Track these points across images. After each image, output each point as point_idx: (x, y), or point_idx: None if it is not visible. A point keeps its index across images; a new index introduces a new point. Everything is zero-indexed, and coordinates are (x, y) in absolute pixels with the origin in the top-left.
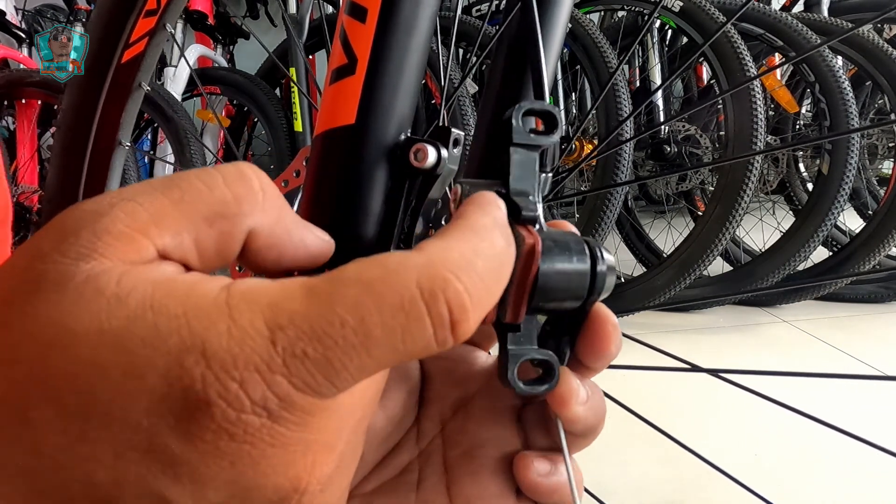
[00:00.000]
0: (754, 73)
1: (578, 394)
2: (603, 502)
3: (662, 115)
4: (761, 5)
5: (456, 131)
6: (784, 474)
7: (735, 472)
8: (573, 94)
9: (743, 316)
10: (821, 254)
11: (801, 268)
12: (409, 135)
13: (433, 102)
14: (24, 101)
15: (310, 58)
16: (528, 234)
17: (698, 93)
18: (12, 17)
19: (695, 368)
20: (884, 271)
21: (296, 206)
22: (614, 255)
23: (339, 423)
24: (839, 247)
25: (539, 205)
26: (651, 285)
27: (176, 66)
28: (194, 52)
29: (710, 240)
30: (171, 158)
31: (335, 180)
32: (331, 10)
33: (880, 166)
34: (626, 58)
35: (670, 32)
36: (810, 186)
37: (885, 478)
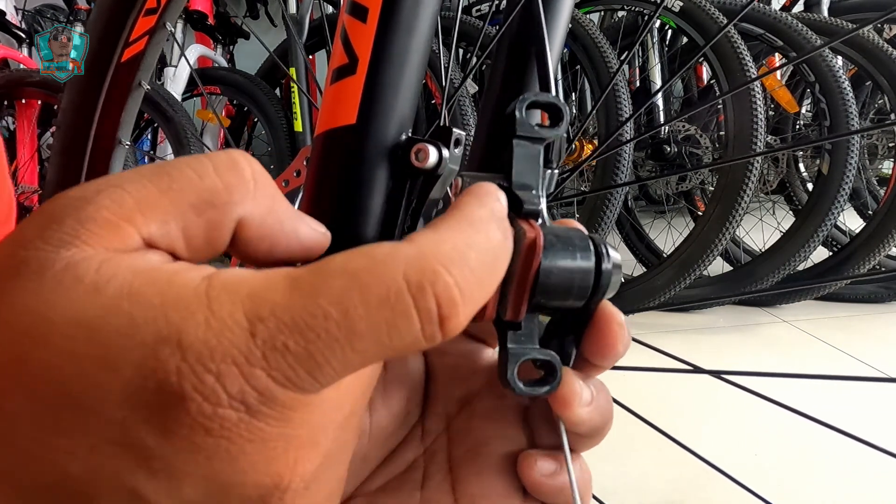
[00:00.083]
0: (754, 74)
1: (581, 396)
2: (603, 502)
3: (662, 116)
4: (761, 5)
5: (457, 131)
6: (784, 474)
7: (735, 473)
8: (573, 94)
9: (743, 316)
10: (821, 254)
11: (801, 268)
12: (410, 135)
13: (433, 102)
14: (24, 101)
15: (310, 58)
16: (530, 229)
17: (698, 93)
18: (12, 17)
19: (697, 370)
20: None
21: (296, 207)
22: None
23: (323, 419)
24: (839, 247)
25: (543, 199)
26: (651, 285)
27: (176, 66)
28: (194, 52)
29: (710, 240)
30: (171, 158)
31: (336, 180)
32: (331, 9)
33: (880, 166)
34: (626, 58)
35: (670, 32)
36: (810, 186)
37: (885, 478)
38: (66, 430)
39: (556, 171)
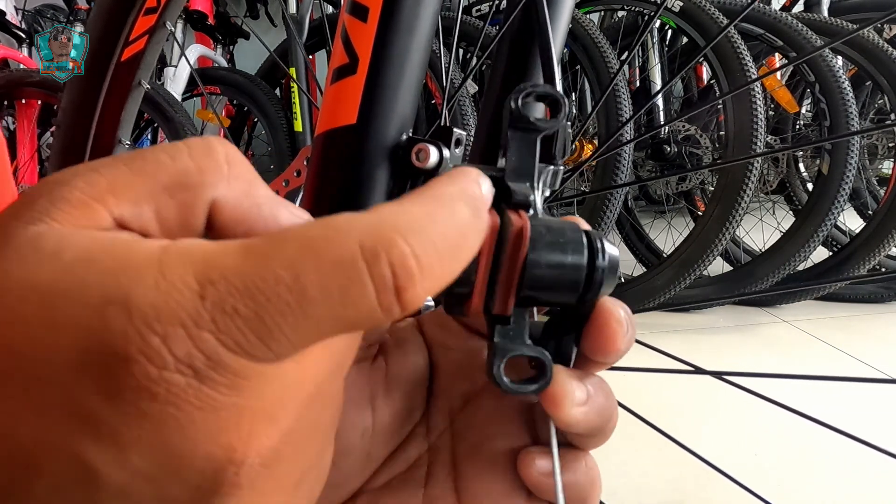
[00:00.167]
0: (755, 74)
1: (573, 395)
2: (603, 502)
3: (663, 116)
4: (761, 5)
5: (458, 131)
6: (784, 474)
7: (735, 473)
8: (573, 94)
9: (743, 316)
10: (821, 254)
11: (801, 268)
12: (411, 135)
13: (433, 102)
14: (24, 101)
15: (310, 57)
16: (518, 218)
17: (698, 93)
18: (12, 17)
19: (698, 371)
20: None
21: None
22: None
23: (282, 394)
24: (839, 247)
25: (538, 192)
26: (651, 285)
27: (176, 66)
28: (194, 51)
29: (710, 240)
30: None
31: (336, 180)
32: (331, 9)
33: (880, 166)
34: (627, 58)
35: (670, 33)
36: (810, 186)
37: (885, 478)
38: (14, 395)
39: (560, 168)
